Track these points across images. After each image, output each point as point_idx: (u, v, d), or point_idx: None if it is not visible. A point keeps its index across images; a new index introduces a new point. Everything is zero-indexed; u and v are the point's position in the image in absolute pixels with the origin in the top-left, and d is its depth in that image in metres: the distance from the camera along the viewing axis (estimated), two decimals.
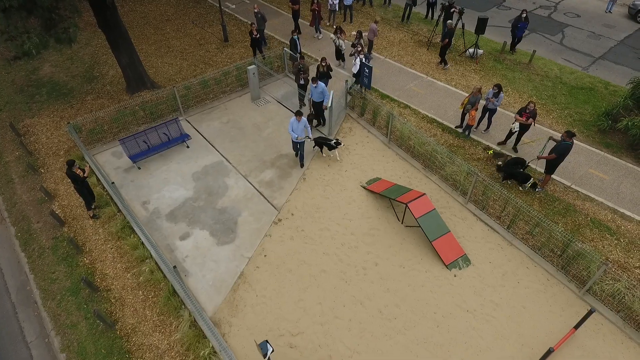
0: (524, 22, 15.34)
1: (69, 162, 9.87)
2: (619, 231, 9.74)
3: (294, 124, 10.90)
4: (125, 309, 8.83)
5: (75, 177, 9.92)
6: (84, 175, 10.04)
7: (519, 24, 15.40)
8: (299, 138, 10.95)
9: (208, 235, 10.11)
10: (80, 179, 10.00)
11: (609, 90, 13.94)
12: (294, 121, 10.88)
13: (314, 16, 16.96)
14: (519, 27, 15.50)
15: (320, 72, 13.14)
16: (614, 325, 8.09)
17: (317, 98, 12.19)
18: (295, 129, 10.92)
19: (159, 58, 16.80)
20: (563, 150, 9.72)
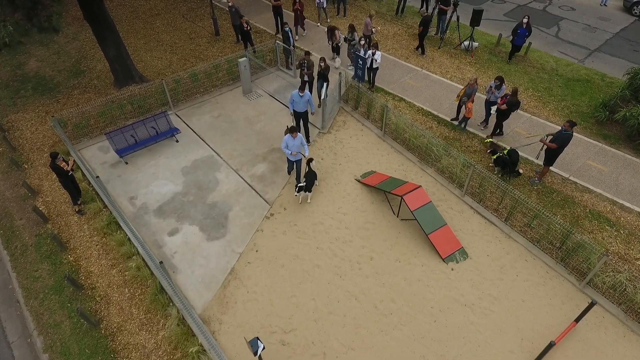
0: (524, 28, 13.83)
1: (52, 155, 9.49)
2: (618, 222, 9.54)
3: (288, 141, 9.90)
4: (111, 307, 8.48)
5: (60, 170, 9.55)
6: (68, 168, 9.67)
7: (518, 29, 13.99)
8: (293, 154, 9.95)
9: (198, 230, 9.79)
10: (65, 172, 9.62)
11: (606, 82, 13.78)
12: (288, 138, 9.88)
13: (296, 16, 16.08)
14: (519, 34, 14.02)
15: (318, 72, 12.60)
16: (616, 318, 7.88)
17: (301, 108, 11.16)
18: (290, 146, 9.94)
19: (148, 52, 16.43)
20: (564, 139, 9.50)
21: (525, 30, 13.94)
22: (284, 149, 9.99)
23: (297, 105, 11.15)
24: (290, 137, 9.87)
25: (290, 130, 9.82)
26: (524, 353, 7.47)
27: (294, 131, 9.81)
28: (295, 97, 10.95)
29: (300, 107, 11.16)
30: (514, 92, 10.82)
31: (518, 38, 14.19)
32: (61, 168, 9.55)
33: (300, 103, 11.06)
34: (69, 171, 9.71)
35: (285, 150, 10.02)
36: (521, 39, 14.21)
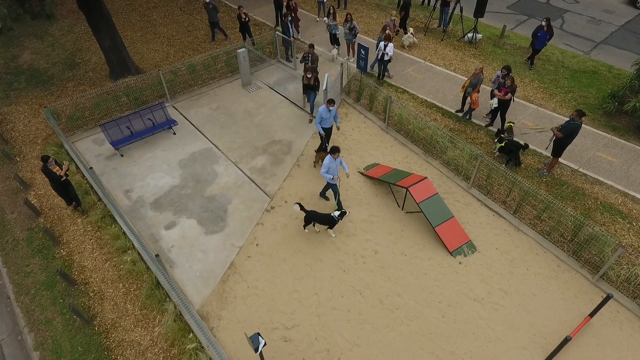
0: (544, 31, 12.80)
1: (43, 158, 8.74)
2: (630, 215, 9.23)
3: (331, 164, 8.67)
4: (105, 303, 8.13)
5: (52, 175, 8.79)
6: (61, 172, 8.87)
7: (538, 32, 12.99)
8: (334, 178, 8.80)
9: (196, 224, 9.44)
10: (57, 177, 8.83)
11: (613, 73, 13.49)
12: (330, 161, 8.62)
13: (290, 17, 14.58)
14: (539, 37, 13.02)
15: (304, 85, 11.59)
16: (631, 312, 7.57)
17: (329, 124, 10.20)
18: (332, 169, 8.70)
19: (145, 44, 16.07)
20: (572, 129, 9.20)
21: (545, 34, 12.88)
22: (324, 174, 8.69)
23: (326, 122, 10.16)
24: (331, 158, 8.63)
25: (331, 151, 8.58)
26: (537, 349, 7.15)
27: (337, 151, 8.57)
28: (323, 113, 9.93)
29: (329, 122, 10.21)
30: (512, 80, 10.55)
31: (538, 41, 13.12)
32: (54, 173, 8.83)
33: (330, 118, 10.13)
34: (63, 176, 8.97)
35: (325, 175, 8.71)
36: (542, 43, 13.12)
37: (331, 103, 9.87)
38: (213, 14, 15.23)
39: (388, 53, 12.59)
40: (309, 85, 11.47)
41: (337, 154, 8.61)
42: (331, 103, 9.87)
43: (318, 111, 10.04)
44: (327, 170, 8.70)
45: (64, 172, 9.00)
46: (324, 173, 8.73)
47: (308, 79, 11.29)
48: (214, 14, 15.23)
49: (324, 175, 8.79)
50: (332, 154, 8.64)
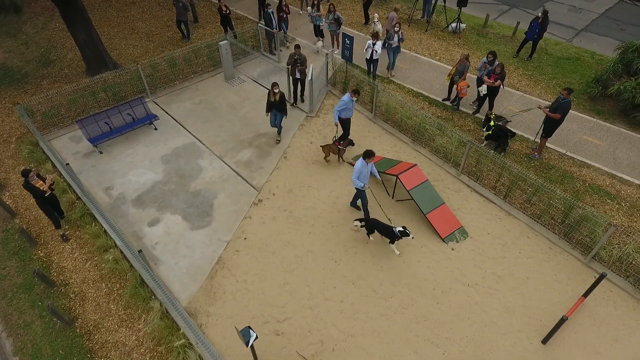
0: (537, 22, 12.68)
1: (23, 173, 7.90)
2: (619, 195, 9.26)
3: (363, 169, 7.86)
4: (87, 304, 7.75)
5: (36, 191, 8.00)
6: (45, 187, 8.07)
7: (532, 22, 12.90)
8: (366, 187, 8.16)
9: (181, 219, 9.12)
10: (41, 192, 8.04)
11: (595, 59, 13.61)
12: (362, 165, 7.80)
13: (280, 21, 14.16)
14: (531, 27, 12.92)
15: (270, 103, 10.16)
16: (624, 291, 7.55)
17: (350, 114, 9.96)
18: (363, 176, 7.92)
19: (123, 40, 15.59)
20: (565, 108, 9.19)
21: (537, 25, 12.72)
22: (354, 180, 7.90)
23: (348, 112, 9.78)
24: (364, 163, 7.84)
25: (365, 155, 7.75)
26: (533, 332, 7.06)
27: (372, 156, 7.76)
28: (347, 102, 9.50)
29: (350, 112, 9.88)
30: (502, 67, 10.51)
31: (529, 32, 13.05)
32: (37, 188, 8.01)
33: (352, 108, 9.76)
34: (47, 191, 8.18)
35: (355, 182, 7.94)
36: (532, 34, 13.03)
37: (355, 93, 9.54)
38: (182, 12, 14.61)
39: (377, 51, 12.24)
40: (276, 104, 10.14)
41: (370, 158, 7.78)
42: (355, 93, 9.54)
43: (342, 99, 9.68)
44: (359, 176, 7.87)
45: (47, 187, 8.14)
46: (354, 179, 7.91)
47: (274, 93, 10.01)
48: (183, 12, 14.61)
49: (354, 182, 7.97)
50: (365, 159, 7.80)
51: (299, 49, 11.31)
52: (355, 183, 8.02)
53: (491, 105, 11.26)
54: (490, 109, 11.26)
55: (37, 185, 8.09)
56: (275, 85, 9.95)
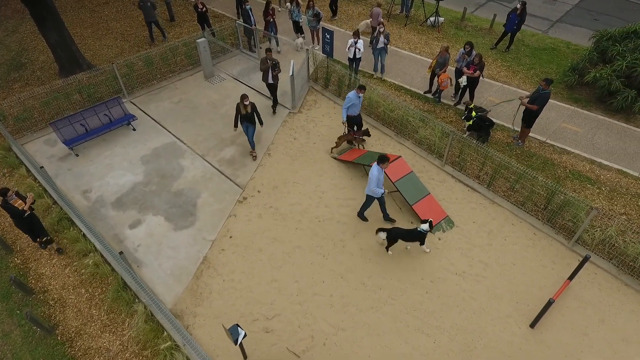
0: (516, 14, 12.76)
1: (2, 192, 7.34)
2: (599, 180, 9.44)
3: (380, 175, 7.55)
4: (67, 311, 7.47)
5: (14, 211, 7.41)
6: (26, 207, 7.48)
7: (511, 14, 12.95)
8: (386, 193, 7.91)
9: (163, 220, 8.89)
10: (20, 212, 7.44)
11: (571, 49, 13.88)
12: (379, 172, 7.52)
13: (267, 25, 13.67)
14: (510, 19, 12.95)
15: (242, 116, 9.66)
16: (608, 273, 7.69)
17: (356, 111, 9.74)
18: (380, 182, 7.66)
19: (97, 40, 15.18)
20: (544, 99, 9.32)
21: (516, 17, 12.80)
22: (374, 189, 7.58)
23: (354, 109, 9.66)
24: (380, 169, 7.55)
25: (380, 160, 7.50)
26: (521, 316, 7.12)
27: (386, 161, 7.54)
28: (353, 98, 9.39)
29: (357, 109, 9.71)
30: (480, 57, 10.61)
31: (508, 24, 13.12)
32: (16, 208, 7.42)
33: (359, 105, 9.62)
34: (27, 211, 7.55)
35: (375, 191, 7.62)
36: (511, 26, 13.12)
37: (361, 89, 9.41)
38: (151, 12, 14.04)
39: (360, 49, 12.15)
40: (248, 116, 9.65)
41: (385, 163, 7.58)
42: (361, 89, 9.41)
43: (347, 96, 9.55)
44: (378, 183, 7.55)
45: (28, 206, 7.54)
46: (374, 188, 7.55)
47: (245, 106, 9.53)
48: (152, 12, 14.06)
49: (374, 191, 7.63)
50: (380, 164, 7.57)
51: (270, 53, 10.82)
52: (376, 192, 7.67)
53: (472, 96, 11.36)
54: (471, 100, 11.36)
55: (16, 204, 7.46)
56: (245, 97, 9.44)
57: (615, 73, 10.68)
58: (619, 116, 10.94)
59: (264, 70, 10.85)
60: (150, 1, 13.95)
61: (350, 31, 15.34)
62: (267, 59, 10.75)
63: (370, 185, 7.62)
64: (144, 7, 13.98)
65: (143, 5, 13.94)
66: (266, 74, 10.91)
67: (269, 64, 10.73)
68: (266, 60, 10.77)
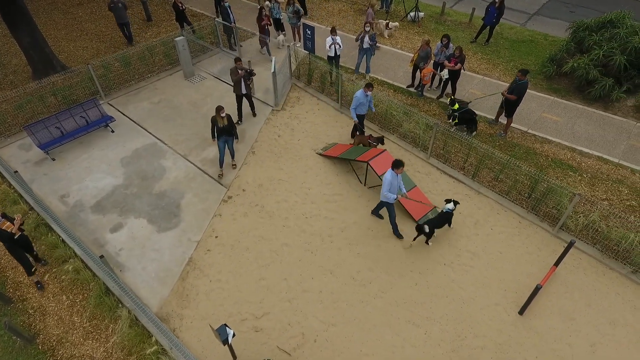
0: (494, 7, 12.87)
1: None
2: (580, 167, 9.59)
3: (393, 180, 7.31)
4: (48, 319, 7.19)
5: (2, 235, 6.95)
6: (14, 229, 7.01)
7: (489, 8, 13.08)
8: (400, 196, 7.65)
9: (146, 223, 8.66)
10: (10, 235, 6.99)
11: (549, 40, 14.11)
12: (392, 177, 7.26)
13: (262, 30, 13.09)
14: (489, 12, 13.07)
15: (220, 128, 9.11)
16: (593, 258, 7.79)
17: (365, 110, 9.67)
18: (394, 187, 7.36)
19: (71, 42, 14.76)
20: (521, 89, 9.44)
21: (495, 10, 12.97)
22: (386, 194, 7.33)
23: (362, 108, 9.51)
24: (394, 174, 7.27)
25: (395, 165, 7.22)
26: (510, 304, 7.16)
27: (401, 166, 7.24)
28: (361, 98, 9.22)
29: (365, 108, 9.58)
30: (460, 49, 10.69)
31: (487, 17, 13.24)
32: (4, 231, 6.95)
33: (366, 104, 9.47)
34: (17, 233, 7.08)
35: (388, 196, 7.35)
36: (490, 19, 13.22)
37: (369, 87, 9.22)
38: (123, 13, 13.65)
39: (340, 45, 11.82)
40: (225, 129, 9.11)
41: (400, 168, 7.29)
42: (369, 87, 9.22)
43: (355, 96, 9.35)
44: (390, 188, 7.30)
45: (17, 228, 7.07)
46: (386, 193, 7.34)
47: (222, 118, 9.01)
48: (123, 13, 13.67)
49: (386, 196, 7.39)
50: (395, 169, 7.26)
51: (240, 62, 10.19)
52: (388, 197, 7.40)
53: (454, 89, 11.42)
54: (454, 93, 11.42)
55: (3, 227, 6.97)
56: (221, 109, 8.92)
57: (592, 62, 10.88)
58: (597, 105, 11.14)
59: (236, 81, 10.21)
60: (121, 2, 13.55)
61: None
62: (238, 68, 10.09)
63: (383, 190, 7.41)
64: (115, 9, 13.56)
65: (114, 7, 13.52)
66: (238, 85, 10.28)
67: (241, 73, 10.09)
68: (236, 71, 10.09)
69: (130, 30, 14.28)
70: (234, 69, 10.17)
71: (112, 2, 13.46)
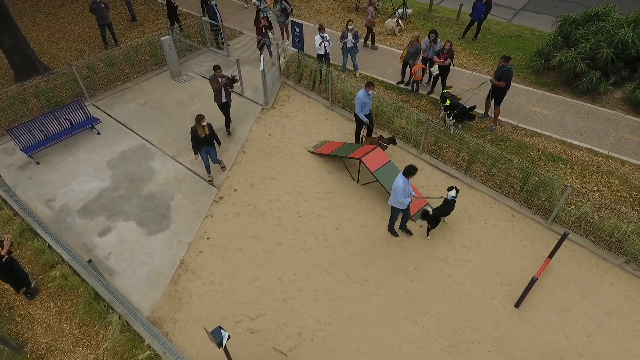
0: (482, 3, 12.82)
1: None
2: (571, 160, 9.65)
3: (405, 186, 7.02)
4: (36, 327, 6.97)
5: None
6: (3, 252, 6.62)
7: (477, 4, 13.03)
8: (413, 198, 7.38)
9: (135, 225, 8.47)
10: None
11: (536, 35, 14.21)
12: (404, 182, 6.98)
13: (259, 32, 12.54)
14: (477, 9, 13.07)
15: (200, 140, 8.53)
16: (586, 249, 7.83)
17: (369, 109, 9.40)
18: (406, 192, 7.08)
19: (54, 44, 14.43)
20: (508, 75, 9.61)
21: (483, 6, 12.94)
22: (403, 199, 7.06)
23: (367, 108, 9.29)
24: (405, 180, 6.97)
25: (407, 172, 6.92)
26: (506, 297, 7.15)
27: (414, 172, 6.97)
28: (364, 98, 9.02)
29: (369, 108, 9.38)
30: (450, 44, 10.71)
31: (475, 13, 13.25)
32: None
33: (370, 103, 9.25)
34: (4, 255, 6.69)
35: (405, 201, 7.10)
36: (478, 15, 13.23)
37: (370, 86, 9.01)
38: (104, 13, 13.29)
39: (330, 43, 11.59)
40: (206, 139, 8.58)
41: (413, 175, 7.01)
42: (370, 86, 9.01)
43: (357, 97, 9.09)
44: (404, 193, 7.01)
45: (5, 251, 6.68)
46: (402, 199, 7.03)
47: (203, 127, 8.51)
48: (105, 13, 13.30)
49: (402, 203, 7.11)
50: (407, 176, 6.98)
51: (220, 70, 9.50)
52: (404, 203, 7.15)
53: (444, 84, 11.42)
54: (443, 88, 11.42)
55: None
56: (201, 118, 8.36)
57: (579, 56, 10.96)
58: (585, 97, 11.23)
59: (217, 89, 9.67)
60: (103, 2, 13.26)
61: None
62: (217, 76, 9.52)
63: (397, 197, 7.06)
64: (97, 9, 13.18)
65: (96, 7, 13.15)
66: (219, 94, 9.75)
67: (222, 81, 9.56)
68: (216, 79, 9.53)
69: (113, 30, 13.98)
70: (213, 77, 9.57)
71: (95, 3, 13.14)
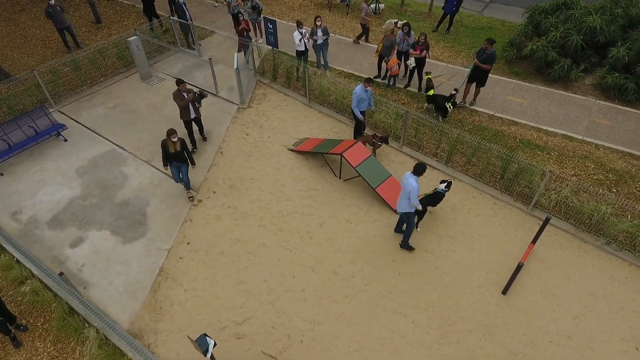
0: None
1: None
2: (547, 146, 9.80)
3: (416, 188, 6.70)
4: (7, 347, 6.50)
5: None
6: None
7: None
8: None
9: (109, 234, 8.06)
10: None
11: (506, 26, 14.44)
12: (417, 181, 6.69)
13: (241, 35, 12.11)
14: (449, 1, 13.17)
15: (172, 154, 7.96)
16: (568, 233, 7.93)
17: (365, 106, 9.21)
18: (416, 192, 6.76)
19: (14, 49, 13.70)
20: (493, 57, 9.86)
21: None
22: (416, 201, 6.79)
23: (364, 104, 9.09)
24: (417, 179, 6.73)
25: (421, 171, 6.71)
26: (492, 284, 7.15)
27: (424, 170, 6.74)
28: (362, 94, 8.80)
29: (366, 105, 9.16)
30: (425, 36, 10.73)
31: (447, 6, 13.36)
32: None
33: (367, 100, 9.04)
34: None
35: (417, 203, 6.87)
36: (450, 7, 13.33)
37: (369, 82, 8.78)
38: (61, 17, 12.69)
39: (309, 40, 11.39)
40: (178, 155, 8.01)
41: (424, 173, 6.78)
42: (369, 82, 8.78)
43: (354, 93, 8.86)
44: (417, 194, 6.74)
45: None
46: (415, 200, 6.75)
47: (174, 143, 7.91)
48: (61, 17, 12.70)
49: (415, 204, 6.83)
50: (418, 175, 6.74)
51: (184, 84, 8.74)
52: (418, 204, 6.93)
53: (420, 76, 11.44)
54: (419, 81, 11.45)
55: None
56: (173, 133, 7.79)
57: (550, 44, 11.17)
58: (557, 85, 11.46)
59: (183, 106, 8.89)
60: (58, 5, 12.62)
61: (292, 22, 15.00)
62: (181, 91, 8.75)
63: (412, 199, 6.75)
64: (54, 13, 12.50)
65: (52, 11, 12.46)
66: (186, 111, 8.99)
67: (189, 97, 8.80)
68: (180, 94, 8.73)
69: (73, 33, 13.38)
70: (177, 92, 8.73)
71: (50, 7, 12.44)
